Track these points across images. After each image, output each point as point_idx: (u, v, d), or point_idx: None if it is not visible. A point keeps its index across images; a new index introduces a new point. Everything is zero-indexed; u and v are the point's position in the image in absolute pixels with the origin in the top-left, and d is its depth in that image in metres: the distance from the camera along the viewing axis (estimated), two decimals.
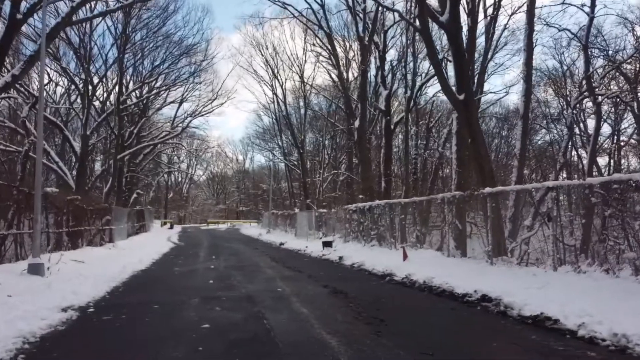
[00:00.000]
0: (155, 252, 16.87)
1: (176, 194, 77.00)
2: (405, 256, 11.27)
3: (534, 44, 16.13)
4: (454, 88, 12.91)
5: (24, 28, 21.17)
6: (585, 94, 18.36)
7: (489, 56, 25.57)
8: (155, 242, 23.46)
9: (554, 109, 36.16)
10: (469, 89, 12.28)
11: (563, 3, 16.41)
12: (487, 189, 9.07)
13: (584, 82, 19.37)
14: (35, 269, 8.95)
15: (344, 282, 9.38)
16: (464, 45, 14.98)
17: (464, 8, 19.82)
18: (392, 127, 26.50)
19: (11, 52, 21.42)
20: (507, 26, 26.81)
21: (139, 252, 16.46)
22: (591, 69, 17.80)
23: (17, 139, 29.29)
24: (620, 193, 6.40)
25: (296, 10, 23.99)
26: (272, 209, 37.24)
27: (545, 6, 51.43)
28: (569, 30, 17.64)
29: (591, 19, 16.80)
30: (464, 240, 14.95)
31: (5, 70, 20.21)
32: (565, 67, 30.55)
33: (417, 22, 12.40)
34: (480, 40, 24.94)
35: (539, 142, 42.31)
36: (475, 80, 23.40)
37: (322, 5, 24.12)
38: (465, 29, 18.06)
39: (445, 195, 10.94)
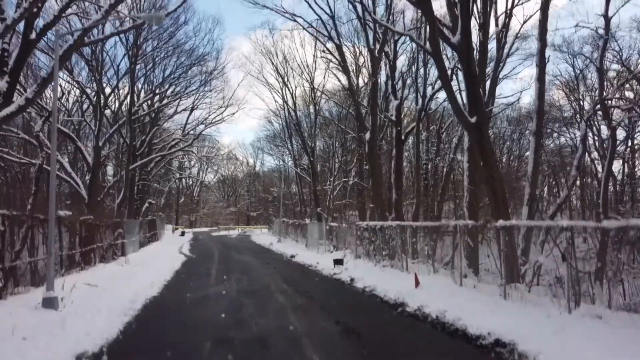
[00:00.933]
0: (167, 270, 16.94)
1: (187, 198, 77.33)
2: (417, 283, 11.21)
3: (546, 60, 15.87)
4: (465, 108, 12.81)
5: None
6: (597, 107, 18.11)
7: (500, 65, 25.37)
8: (167, 254, 23.57)
9: (567, 111, 35.90)
10: (481, 111, 12.17)
11: (577, 26, 16.19)
12: (500, 222, 8.98)
13: (596, 94, 19.15)
14: (50, 303, 9.02)
15: (357, 315, 9.35)
16: (476, 61, 14.91)
17: (476, 19, 19.73)
18: (403, 137, 26.37)
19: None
20: (519, 35, 26.31)
21: (150, 270, 16.54)
22: (605, 92, 17.53)
23: (30, 151, 29.64)
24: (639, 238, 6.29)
25: (306, 21, 24.00)
26: (282, 217, 37.27)
27: (559, 29, 50.95)
28: (583, 55, 17.42)
29: (605, 41, 16.56)
30: (476, 257, 14.88)
31: (20, 88, 20.48)
32: (577, 71, 30.33)
33: (428, 44, 12.32)
34: (492, 45, 24.79)
35: (551, 146, 41.98)
36: (487, 90, 23.28)
37: (332, 17, 24.08)
38: (475, 38, 17.99)
39: (458, 224, 10.85)
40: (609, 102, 17.85)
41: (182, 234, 45.37)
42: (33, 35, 15.64)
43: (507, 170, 47.57)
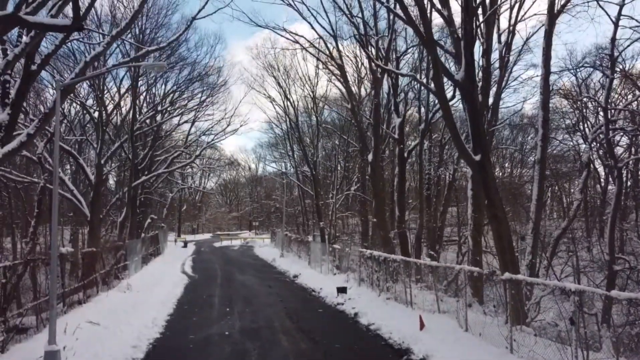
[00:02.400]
0: (169, 297, 16.90)
1: (189, 205, 77.32)
2: (422, 325, 11.11)
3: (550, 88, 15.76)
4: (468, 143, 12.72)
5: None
6: (600, 130, 17.98)
7: (503, 83, 25.27)
8: (169, 275, 23.49)
9: (569, 119, 35.72)
10: (485, 148, 12.07)
11: (581, 67, 16.11)
12: (507, 275, 8.88)
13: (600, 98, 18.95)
14: (52, 357, 8.96)
15: None
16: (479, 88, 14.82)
17: (480, 40, 19.60)
18: (406, 154, 26.30)
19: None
20: (522, 51, 26.21)
21: (152, 299, 16.48)
22: (611, 135, 17.35)
23: (32, 169, 29.64)
24: None
25: (307, 41, 23.86)
26: (285, 231, 37.20)
27: (563, 71, 49.94)
28: (593, 99, 17.30)
29: (611, 81, 16.45)
30: (481, 287, 14.79)
31: (22, 120, 20.39)
32: (580, 80, 30.22)
33: (432, 84, 12.26)
34: (494, 56, 24.69)
35: (554, 152, 41.83)
36: (490, 107, 23.19)
37: (334, 36, 24.00)
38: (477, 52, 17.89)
39: (464, 269, 10.74)
40: (613, 139, 17.73)
41: (185, 245, 45.30)
42: (34, 67, 15.65)
43: (510, 179, 47.54)
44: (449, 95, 21.37)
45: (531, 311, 12.33)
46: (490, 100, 23.34)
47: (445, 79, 13.54)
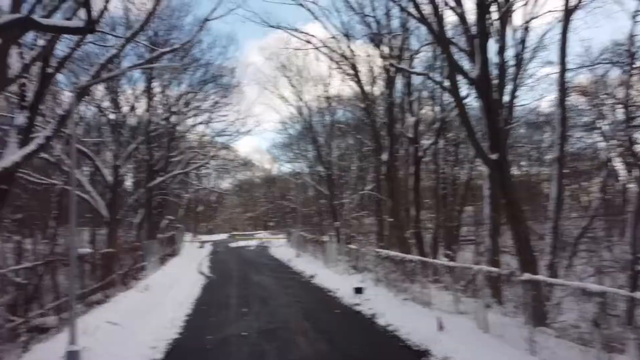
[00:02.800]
0: (186, 298, 17.00)
1: (205, 205, 77.79)
2: (440, 326, 11.03)
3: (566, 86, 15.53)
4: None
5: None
6: (620, 127, 17.65)
7: (519, 81, 24.92)
8: (186, 276, 23.65)
9: (587, 116, 35.15)
10: (502, 148, 11.93)
11: (599, 63, 15.82)
12: (526, 276, 8.77)
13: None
14: (73, 357, 9.08)
15: None
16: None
17: (495, 37, 19.37)
18: (421, 154, 26.16)
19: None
20: (538, 48, 25.79)
21: (170, 299, 16.61)
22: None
23: (51, 171, 30.02)
24: None
25: (320, 41, 23.82)
26: (300, 231, 37.25)
27: (580, 67, 49.21)
28: (611, 95, 16.91)
29: (630, 76, 16.13)
30: (500, 287, 14.60)
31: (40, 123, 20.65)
32: (597, 77, 29.70)
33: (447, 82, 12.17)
34: (509, 53, 24.38)
35: (571, 150, 41.18)
36: (505, 107, 22.91)
37: (347, 35, 23.92)
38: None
39: (482, 269, 10.63)
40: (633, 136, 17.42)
41: (201, 246, 45.59)
42: (50, 70, 15.86)
43: (527, 178, 46.95)
44: (462, 93, 21.31)
45: (551, 312, 12.12)
46: (506, 98, 23.21)
47: (459, 77, 13.42)
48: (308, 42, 23.51)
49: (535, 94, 75.78)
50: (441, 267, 13.25)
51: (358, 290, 16.61)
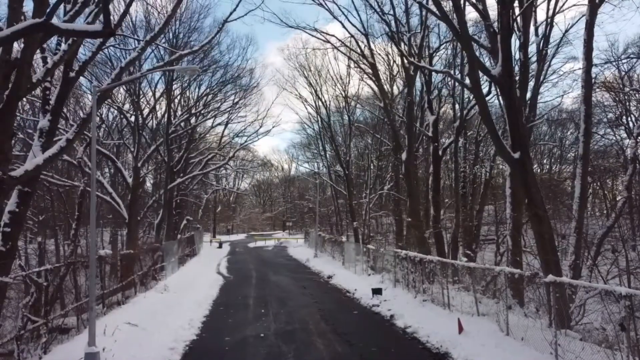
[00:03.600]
0: (205, 299, 17.01)
1: (224, 206, 78.29)
2: (460, 328, 10.81)
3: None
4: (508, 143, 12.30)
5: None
6: None
7: (542, 77, 24.45)
8: (205, 276, 23.72)
9: (611, 112, 34.31)
10: (524, 146, 11.65)
11: (626, 57, 15.24)
12: (550, 277, 8.49)
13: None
14: (92, 358, 9.12)
15: None
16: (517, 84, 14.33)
17: (516, 34, 19.00)
18: (440, 153, 25.82)
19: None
20: (561, 44, 25.28)
21: (189, 300, 16.61)
22: None
23: (73, 172, 30.52)
24: None
25: (339, 40, 23.68)
26: (318, 231, 37.16)
27: (607, 63, 48.01)
28: (637, 91, 16.20)
29: None
30: (522, 289, 14.28)
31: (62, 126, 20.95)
32: (623, 72, 28.94)
33: (467, 80, 11.87)
34: (531, 49, 23.93)
35: (596, 147, 40.24)
36: (528, 103, 22.47)
37: (366, 34, 23.73)
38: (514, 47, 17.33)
39: (504, 270, 10.37)
40: None
41: (220, 246, 45.85)
42: (72, 74, 16.05)
43: (549, 176, 46.05)
44: (484, 91, 20.86)
45: (575, 314, 11.80)
46: (528, 95, 22.76)
47: (480, 75, 13.16)
48: (327, 41, 23.41)
49: (559, 90, 74.35)
50: (461, 267, 12.99)
51: (376, 291, 16.45)
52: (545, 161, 52.89)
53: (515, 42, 19.98)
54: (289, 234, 67.25)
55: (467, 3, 15.72)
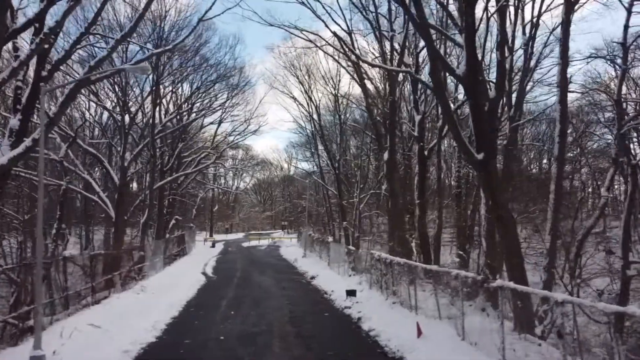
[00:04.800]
0: (179, 300, 16.86)
1: (222, 205, 78.28)
2: (419, 332, 10.64)
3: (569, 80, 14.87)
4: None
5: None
6: (629, 124, 16.84)
7: (528, 76, 24.16)
8: (188, 276, 23.60)
9: (609, 112, 33.95)
10: (489, 147, 11.44)
11: (592, 56, 15.14)
12: (498, 282, 8.30)
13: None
14: None
15: None
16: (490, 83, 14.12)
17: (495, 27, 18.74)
18: (427, 153, 25.61)
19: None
20: (548, 43, 24.97)
21: (162, 301, 16.46)
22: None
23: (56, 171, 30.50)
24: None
25: (322, 39, 23.43)
26: (309, 231, 37.04)
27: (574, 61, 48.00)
28: (603, 91, 16.14)
29: (623, 71, 15.39)
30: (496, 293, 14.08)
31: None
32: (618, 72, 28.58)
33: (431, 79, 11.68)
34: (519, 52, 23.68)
35: (595, 146, 39.78)
36: (513, 102, 22.24)
37: (350, 33, 23.51)
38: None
39: (460, 274, 10.18)
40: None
41: (213, 245, 45.81)
42: (45, 72, 15.95)
43: (545, 175, 45.64)
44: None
45: (544, 318, 11.60)
46: (514, 95, 22.51)
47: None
48: (309, 40, 23.20)
49: (554, 89, 73.65)
50: (422, 270, 12.81)
51: (350, 293, 16.29)
52: (544, 162, 52.36)
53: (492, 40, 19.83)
54: (288, 233, 67.15)
55: None
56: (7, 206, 30.23)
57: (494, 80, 15.74)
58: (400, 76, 26.91)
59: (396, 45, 23.87)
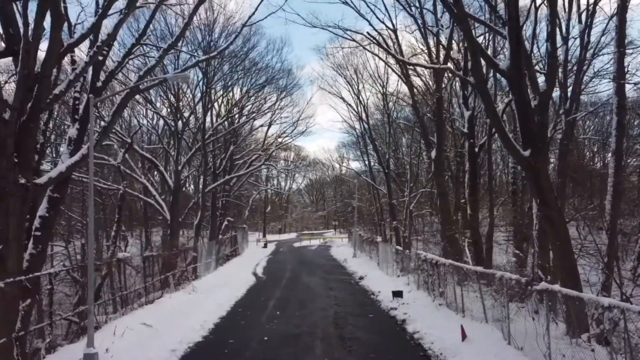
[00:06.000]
0: (228, 300, 17.28)
1: (275, 205, 79.44)
2: (464, 336, 10.35)
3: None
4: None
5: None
6: None
7: (585, 66, 22.92)
8: (238, 277, 24.12)
9: None
10: (536, 143, 10.95)
11: None
12: (542, 285, 7.92)
13: None
14: (90, 359, 9.49)
15: None
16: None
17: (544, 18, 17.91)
18: (477, 149, 24.85)
19: None
20: (606, 31, 23.56)
21: (212, 301, 16.90)
22: None
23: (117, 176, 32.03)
24: None
25: (367, 38, 23.19)
26: (359, 231, 36.91)
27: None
28: None
29: None
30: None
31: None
32: None
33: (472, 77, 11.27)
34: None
35: None
36: (569, 94, 21.19)
37: (394, 30, 23.23)
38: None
39: (505, 276, 9.80)
40: None
41: (265, 245, 46.56)
42: (99, 83, 16.77)
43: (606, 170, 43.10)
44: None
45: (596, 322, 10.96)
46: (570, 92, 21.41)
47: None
48: (354, 40, 23.08)
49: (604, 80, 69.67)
50: (470, 272, 12.43)
51: (397, 294, 16.09)
52: (609, 156, 49.51)
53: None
54: (339, 232, 67.22)
55: None
56: (74, 209, 32.14)
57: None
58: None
59: (443, 40, 23.42)
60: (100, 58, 16.28)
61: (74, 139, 15.66)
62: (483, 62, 12.73)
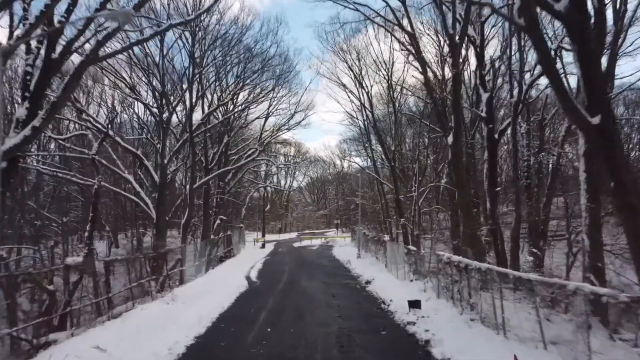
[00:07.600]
0: (211, 312, 14.45)
1: (274, 204, 76.67)
2: None
3: None
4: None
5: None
6: None
7: (620, 38, 20.10)
8: (229, 281, 21.32)
9: None
10: (605, 107, 8.14)
11: None
12: None
13: None
14: None
15: None
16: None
17: None
18: (497, 136, 22.03)
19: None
20: None
21: (192, 313, 14.12)
22: None
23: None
24: None
25: (373, 10, 20.40)
26: (363, 230, 34.10)
27: None
28: None
29: None
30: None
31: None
32: None
33: (522, 19, 8.47)
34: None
35: None
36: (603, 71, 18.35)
37: (403, 2, 20.40)
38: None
39: (584, 289, 6.99)
40: None
41: (263, 246, 43.79)
42: (55, 55, 14.15)
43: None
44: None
45: None
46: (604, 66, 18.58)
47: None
48: (357, 10, 20.22)
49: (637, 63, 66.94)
50: (518, 280, 9.60)
51: (414, 304, 13.26)
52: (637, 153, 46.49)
53: None
54: (342, 232, 64.43)
55: None
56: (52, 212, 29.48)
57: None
58: (463, 52, 23.68)
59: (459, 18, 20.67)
60: (57, 25, 13.71)
61: (23, 120, 13.02)
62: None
